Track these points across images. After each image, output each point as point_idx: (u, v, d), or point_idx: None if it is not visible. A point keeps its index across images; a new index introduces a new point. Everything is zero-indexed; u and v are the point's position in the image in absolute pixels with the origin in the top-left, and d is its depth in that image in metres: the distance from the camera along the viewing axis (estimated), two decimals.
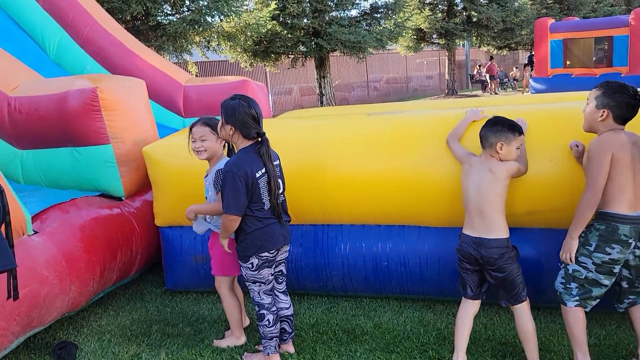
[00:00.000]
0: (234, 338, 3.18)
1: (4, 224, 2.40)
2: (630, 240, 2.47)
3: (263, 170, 2.68)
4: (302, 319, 3.45)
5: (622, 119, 2.52)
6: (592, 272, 2.54)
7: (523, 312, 2.72)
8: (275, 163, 2.78)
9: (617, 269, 2.53)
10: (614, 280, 2.57)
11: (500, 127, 2.68)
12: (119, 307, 3.82)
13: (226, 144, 3.00)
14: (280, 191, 2.79)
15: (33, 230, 3.16)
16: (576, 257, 2.57)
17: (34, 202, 3.48)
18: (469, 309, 2.81)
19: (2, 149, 4.07)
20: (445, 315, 3.38)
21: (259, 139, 2.71)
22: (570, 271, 2.60)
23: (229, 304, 3.12)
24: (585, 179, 2.54)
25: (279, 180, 2.77)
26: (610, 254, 2.49)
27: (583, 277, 2.57)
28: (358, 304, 3.62)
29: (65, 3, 5.96)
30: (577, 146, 2.82)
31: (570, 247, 2.57)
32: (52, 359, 3.12)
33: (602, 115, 2.51)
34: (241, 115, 2.64)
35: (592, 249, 2.53)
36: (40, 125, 3.86)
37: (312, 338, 3.22)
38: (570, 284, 2.61)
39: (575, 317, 2.62)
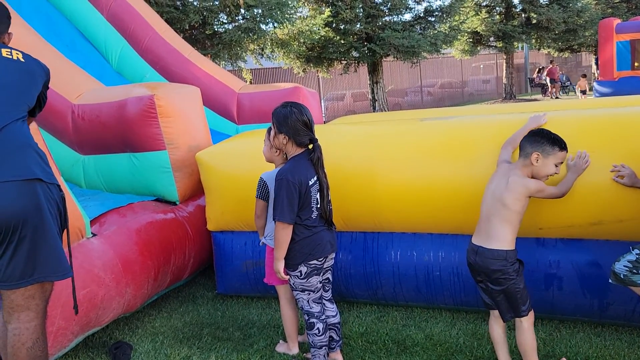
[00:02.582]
0: (286, 348, 3.17)
1: (65, 231, 2.49)
2: None
3: (315, 178, 2.66)
4: (351, 327, 3.40)
5: None
6: None
7: (522, 326, 2.57)
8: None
9: None
10: None
11: (539, 138, 2.52)
12: (172, 309, 3.91)
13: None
14: (329, 199, 2.77)
15: (92, 233, 3.29)
16: None
17: (93, 206, 3.62)
18: (492, 319, 2.71)
19: (66, 154, 4.27)
20: None
21: (311, 146, 2.69)
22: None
23: (284, 314, 3.12)
24: None
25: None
26: None
27: None
28: (409, 314, 3.54)
29: (127, 15, 6.22)
30: (620, 171, 2.62)
31: None
32: (108, 358, 3.22)
33: None
34: (293, 122, 2.63)
35: None
36: (100, 132, 4.03)
37: (361, 347, 3.16)
38: (638, 271, 2.28)
39: None
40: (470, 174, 3.08)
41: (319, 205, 2.70)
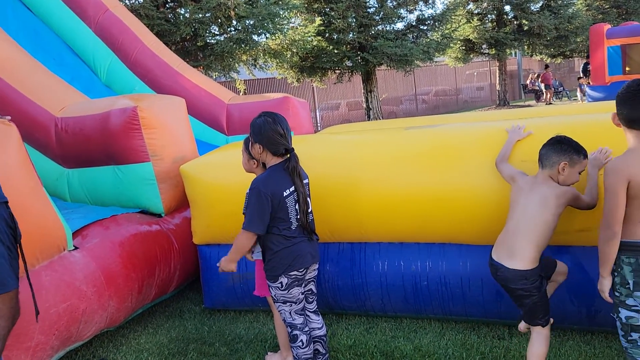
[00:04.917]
0: (281, 358, 3.12)
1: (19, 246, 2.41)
2: None
3: (292, 189, 2.63)
4: (339, 340, 3.34)
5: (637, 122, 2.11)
6: None
7: (539, 336, 2.56)
8: (304, 182, 2.72)
9: None
10: None
11: (566, 147, 2.44)
12: (158, 325, 3.84)
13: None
14: (309, 210, 2.73)
15: (74, 246, 3.23)
16: (623, 301, 2.18)
17: (77, 218, 3.57)
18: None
19: (50, 168, 4.22)
20: (490, 338, 3.18)
21: (289, 156, 2.66)
22: (624, 319, 2.19)
23: (278, 323, 3.05)
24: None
25: (308, 199, 2.72)
26: None
27: (634, 322, 2.16)
28: (398, 325, 3.48)
29: (116, 28, 6.20)
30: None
31: (603, 287, 2.23)
32: None
33: (617, 122, 2.21)
34: (267, 132, 2.62)
35: (631, 287, 2.13)
36: (84, 145, 3.99)
37: None
38: (632, 335, 2.19)
39: None
40: (455, 182, 3.04)
41: (298, 217, 2.66)
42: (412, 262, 3.29)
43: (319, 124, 19.04)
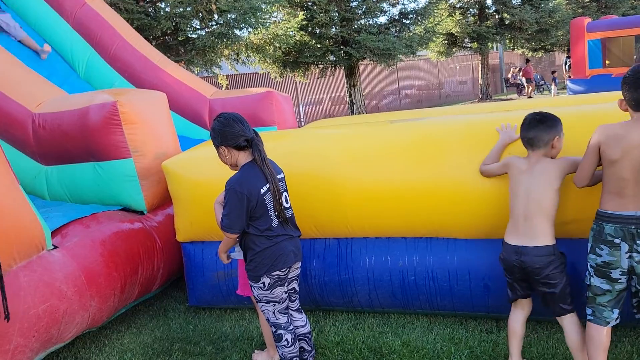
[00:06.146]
0: (268, 356, 3.07)
1: None
2: (616, 241, 2.26)
3: (268, 186, 2.57)
4: (327, 337, 3.30)
5: (636, 102, 2.26)
6: (593, 276, 2.40)
7: (572, 324, 2.54)
8: (279, 177, 2.65)
9: (615, 274, 2.31)
10: (620, 287, 2.33)
11: (551, 122, 2.54)
12: (142, 324, 3.77)
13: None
14: (288, 206, 2.68)
15: (53, 245, 3.14)
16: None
17: (56, 217, 3.48)
18: (515, 313, 2.71)
19: (28, 165, 4.11)
20: (478, 332, 3.17)
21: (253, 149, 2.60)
22: (584, 277, 2.49)
23: (264, 322, 3.00)
24: None
25: (285, 194, 2.67)
26: (600, 255, 2.34)
27: (589, 282, 2.43)
28: (385, 321, 3.46)
29: (94, 23, 6.06)
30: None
31: None
32: None
33: (623, 107, 2.33)
34: (221, 131, 2.58)
35: (589, 250, 2.40)
36: (63, 141, 3.88)
37: (336, 357, 3.07)
38: (586, 292, 2.47)
39: (590, 335, 2.41)
40: (440, 175, 3.02)
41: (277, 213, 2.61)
42: (399, 257, 3.27)
43: (302, 119, 18.97)
